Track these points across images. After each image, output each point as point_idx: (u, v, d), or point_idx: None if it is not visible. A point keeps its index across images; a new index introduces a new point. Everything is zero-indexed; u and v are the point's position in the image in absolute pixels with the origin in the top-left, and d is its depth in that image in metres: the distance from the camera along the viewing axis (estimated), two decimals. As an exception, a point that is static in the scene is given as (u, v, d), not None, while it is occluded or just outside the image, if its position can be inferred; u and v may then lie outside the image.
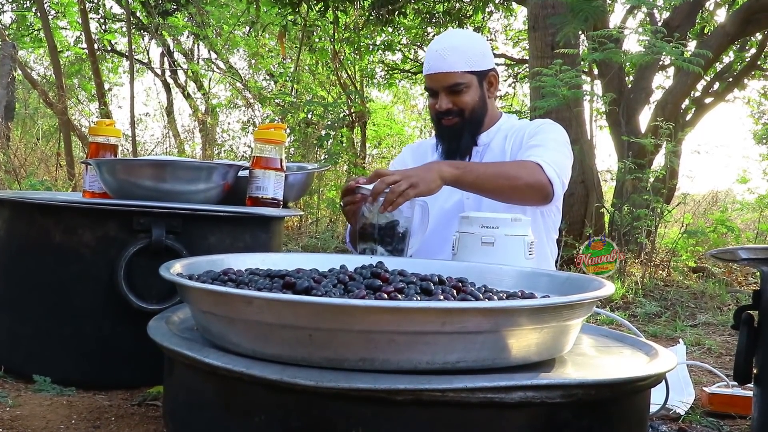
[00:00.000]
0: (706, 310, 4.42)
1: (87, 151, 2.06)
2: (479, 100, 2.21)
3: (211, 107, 11.33)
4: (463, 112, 2.20)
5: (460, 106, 2.19)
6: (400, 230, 1.79)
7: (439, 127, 2.26)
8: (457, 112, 2.20)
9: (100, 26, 11.58)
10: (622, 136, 5.90)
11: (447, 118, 2.20)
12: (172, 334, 1.20)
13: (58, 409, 1.51)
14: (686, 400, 2.00)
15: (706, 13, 8.94)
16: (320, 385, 0.96)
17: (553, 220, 2.32)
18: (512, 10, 10.14)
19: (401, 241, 1.79)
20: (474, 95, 2.20)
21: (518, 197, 2.04)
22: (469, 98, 2.19)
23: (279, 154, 1.94)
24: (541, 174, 2.00)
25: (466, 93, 2.18)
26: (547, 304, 1.04)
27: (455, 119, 2.20)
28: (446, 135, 2.24)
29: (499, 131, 2.30)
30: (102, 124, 2.09)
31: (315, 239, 6.25)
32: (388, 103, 12.95)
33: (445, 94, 2.18)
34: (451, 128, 2.21)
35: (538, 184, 2.00)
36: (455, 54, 2.17)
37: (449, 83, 2.17)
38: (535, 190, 2.00)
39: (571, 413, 1.01)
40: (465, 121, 2.21)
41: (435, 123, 2.27)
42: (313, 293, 1.12)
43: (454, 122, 2.20)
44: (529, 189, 1.99)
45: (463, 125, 2.21)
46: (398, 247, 1.79)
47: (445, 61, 2.16)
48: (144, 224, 1.68)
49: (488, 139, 2.29)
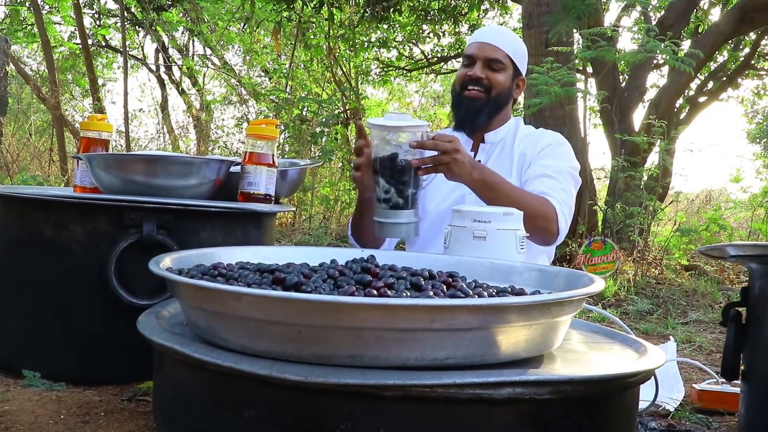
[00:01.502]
0: (698, 307, 4.44)
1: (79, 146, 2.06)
2: (507, 88, 2.27)
3: (206, 103, 11.32)
4: (491, 90, 2.24)
5: (491, 81, 2.24)
6: (399, 164, 1.76)
7: (459, 97, 2.28)
8: (486, 86, 2.23)
9: (94, 21, 11.55)
10: (615, 134, 5.92)
11: (474, 88, 2.24)
12: (161, 329, 1.20)
13: (47, 404, 1.50)
14: (676, 396, 2.01)
15: (700, 12, 8.95)
16: (309, 380, 0.96)
17: None
18: (508, 8, 10.15)
19: (401, 175, 1.77)
20: (506, 81, 2.25)
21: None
22: (502, 79, 2.24)
23: (271, 150, 1.94)
24: (554, 223, 2.03)
25: (501, 73, 2.24)
26: (536, 301, 1.05)
27: (481, 93, 2.24)
28: (465, 104, 2.26)
29: (509, 133, 2.31)
30: (93, 119, 2.09)
31: (308, 236, 6.25)
32: (383, 100, 12.94)
33: (483, 65, 2.23)
34: (473, 100, 2.24)
35: (548, 231, 2.03)
36: (508, 39, 2.27)
37: (493, 56, 2.23)
38: (542, 236, 2.03)
39: (560, 409, 1.01)
40: (489, 99, 2.24)
41: (456, 93, 2.29)
42: (302, 289, 1.11)
43: (479, 95, 2.24)
44: (539, 231, 2.00)
45: (485, 102, 2.24)
46: (400, 180, 1.77)
47: (498, 38, 2.25)
48: (135, 219, 1.68)
49: (496, 138, 2.30)
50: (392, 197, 1.78)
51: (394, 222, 1.79)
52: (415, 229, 1.81)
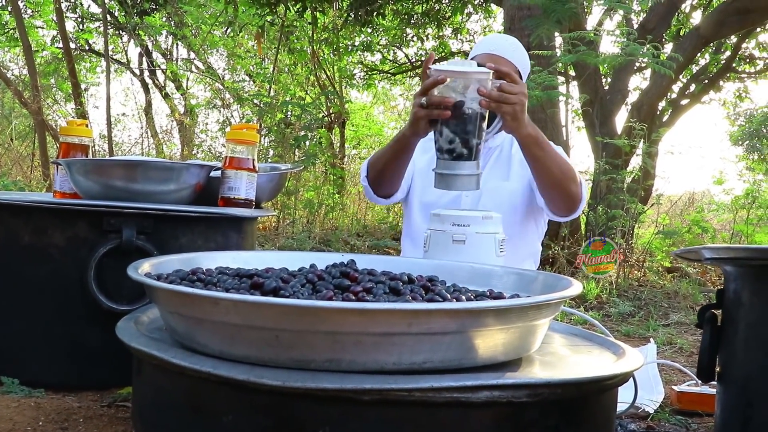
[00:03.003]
0: (679, 309, 4.46)
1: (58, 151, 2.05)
2: None
3: (190, 107, 11.29)
4: None
5: None
6: (465, 111, 1.69)
7: None
8: None
9: (77, 26, 11.50)
10: (596, 137, 5.95)
11: None
12: (140, 334, 1.19)
13: (25, 411, 1.49)
14: (656, 398, 2.02)
15: (682, 16, 9.02)
16: (287, 385, 0.96)
17: (543, 229, 2.38)
18: (491, 11, 10.18)
19: (466, 123, 1.69)
20: None
21: (559, 193, 2.08)
22: None
23: (251, 155, 1.94)
24: (580, 189, 2.07)
25: None
26: (512, 305, 1.05)
27: None
28: None
29: (506, 138, 2.32)
30: (73, 124, 2.08)
31: (292, 240, 6.24)
32: (368, 104, 12.95)
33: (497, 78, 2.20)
34: None
35: (578, 197, 2.06)
36: (519, 53, 2.28)
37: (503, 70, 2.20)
38: (572, 200, 2.06)
39: (538, 412, 1.02)
40: None
41: None
42: (280, 293, 1.11)
43: None
44: (571, 196, 2.05)
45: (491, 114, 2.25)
46: (465, 128, 1.69)
47: (514, 52, 2.25)
48: (114, 225, 1.67)
49: (494, 144, 2.32)
50: (456, 147, 1.70)
51: (457, 173, 1.69)
52: (477, 182, 1.72)
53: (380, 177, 2.17)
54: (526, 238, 2.31)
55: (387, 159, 2.10)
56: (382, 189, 2.19)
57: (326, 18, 9.53)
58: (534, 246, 2.35)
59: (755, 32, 8.83)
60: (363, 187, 2.25)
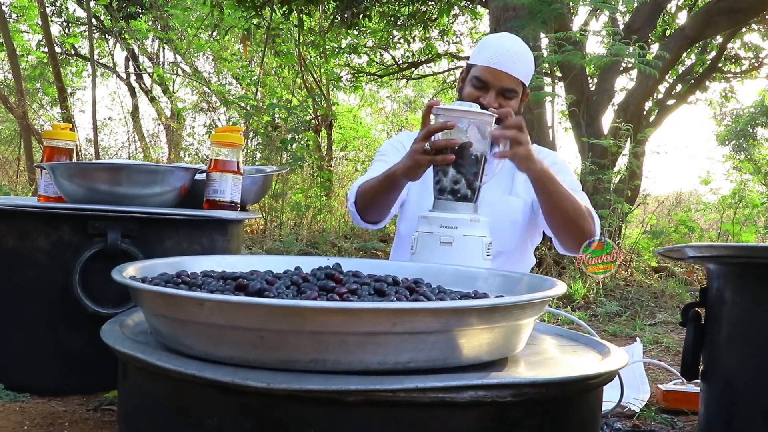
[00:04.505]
0: (666, 308, 4.49)
1: (42, 155, 2.05)
2: (516, 110, 2.24)
3: (177, 111, 11.27)
4: None
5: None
6: (474, 152, 1.71)
7: None
8: None
9: (63, 30, 11.45)
10: (582, 138, 5.97)
11: None
12: (125, 337, 1.19)
13: (9, 416, 1.49)
14: (642, 397, 2.03)
15: (668, 16, 9.06)
16: (272, 386, 0.96)
17: (538, 239, 2.40)
18: (478, 13, 10.20)
19: (473, 165, 1.71)
20: (516, 104, 2.21)
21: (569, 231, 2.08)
22: (513, 105, 2.20)
23: (236, 157, 1.94)
24: (594, 228, 2.07)
25: (514, 100, 2.19)
26: (496, 304, 1.05)
27: None
28: None
29: None
30: (57, 128, 2.07)
31: (279, 242, 6.23)
32: (355, 106, 12.95)
33: (496, 93, 2.17)
34: None
35: (589, 232, 2.04)
36: (522, 62, 2.20)
37: (508, 86, 2.17)
38: (583, 236, 2.01)
39: (523, 412, 1.02)
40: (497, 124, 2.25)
41: None
42: (265, 295, 1.11)
43: None
44: (583, 232, 2.03)
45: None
46: (471, 170, 1.71)
47: (514, 65, 2.17)
48: (99, 228, 1.67)
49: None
50: (461, 188, 1.71)
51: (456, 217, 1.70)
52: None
53: (369, 207, 2.16)
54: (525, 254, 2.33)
55: (376, 192, 2.09)
56: (370, 217, 2.18)
57: (312, 20, 9.52)
58: (530, 260, 2.37)
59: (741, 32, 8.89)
60: (350, 212, 2.23)
